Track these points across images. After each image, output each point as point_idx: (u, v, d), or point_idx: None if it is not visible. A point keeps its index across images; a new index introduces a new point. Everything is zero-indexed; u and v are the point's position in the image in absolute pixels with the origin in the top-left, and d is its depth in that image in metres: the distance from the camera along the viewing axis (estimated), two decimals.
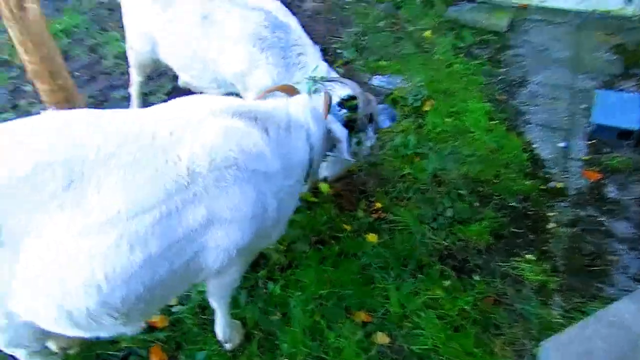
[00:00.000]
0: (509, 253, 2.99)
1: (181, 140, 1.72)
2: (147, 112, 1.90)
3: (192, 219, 1.68)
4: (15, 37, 2.85)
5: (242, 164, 1.78)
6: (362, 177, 3.52)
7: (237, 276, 2.15)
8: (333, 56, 4.94)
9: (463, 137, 3.87)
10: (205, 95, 2.04)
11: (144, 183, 1.60)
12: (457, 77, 4.60)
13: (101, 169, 1.57)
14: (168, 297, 1.94)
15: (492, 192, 3.39)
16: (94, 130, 1.65)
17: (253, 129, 1.92)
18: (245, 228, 1.83)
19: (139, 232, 1.57)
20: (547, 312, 2.63)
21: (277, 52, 2.92)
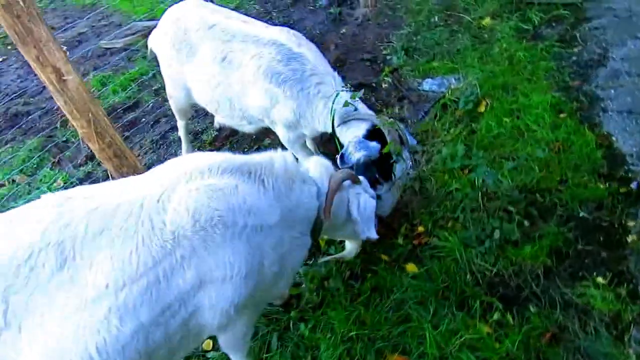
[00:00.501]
0: (574, 277, 2.57)
1: (167, 206, 1.75)
2: (143, 178, 1.95)
3: (182, 282, 1.69)
4: (62, 106, 3.14)
5: (229, 221, 1.76)
6: (406, 197, 3.29)
7: (246, 329, 2.13)
8: (381, 64, 4.72)
9: (523, 139, 3.43)
10: (197, 154, 2.04)
11: (130, 254, 1.65)
12: (520, 67, 4.11)
13: (91, 244, 1.64)
14: (174, 357, 1.94)
15: (556, 202, 2.94)
16: (86, 207, 1.72)
17: (244, 183, 1.89)
18: (240, 285, 1.79)
19: (128, 303, 1.61)
20: (621, 350, 2.20)
21: (293, 84, 2.86)
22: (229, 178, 1.86)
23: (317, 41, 5.36)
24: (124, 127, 4.93)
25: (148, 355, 1.70)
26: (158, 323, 1.68)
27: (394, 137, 2.67)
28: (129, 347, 1.63)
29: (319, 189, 2.20)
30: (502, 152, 3.35)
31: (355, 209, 2.31)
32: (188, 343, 1.90)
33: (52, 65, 2.90)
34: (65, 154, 4.81)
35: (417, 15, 5.32)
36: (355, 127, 2.83)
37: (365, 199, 2.35)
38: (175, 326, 1.73)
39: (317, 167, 2.29)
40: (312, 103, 2.93)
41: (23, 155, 4.86)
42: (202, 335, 1.93)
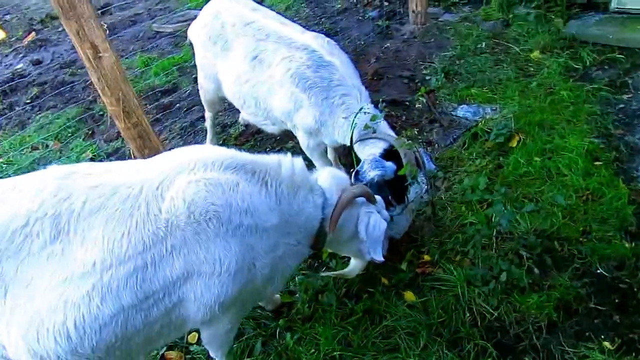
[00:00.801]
0: (579, 336, 2.41)
1: (165, 193, 1.74)
2: (146, 163, 1.96)
3: (169, 271, 1.69)
4: (95, 82, 3.22)
5: (224, 217, 1.75)
6: (418, 222, 3.19)
7: (229, 327, 2.09)
8: (418, 83, 4.63)
9: (551, 181, 3.27)
10: (205, 147, 2.05)
11: (122, 236, 1.66)
12: (561, 106, 3.94)
13: (86, 221, 1.66)
14: (153, 345, 1.94)
15: (574, 253, 2.78)
16: (87, 184, 1.74)
17: (246, 182, 1.87)
18: (228, 282, 1.78)
19: (112, 284, 1.62)
20: None
21: (319, 92, 2.84)
22: (231, 174, 1.85)
23: (359, 52, 5.34)
24: (158, 109, 5.04)
25: (126, 339, 1.70)
26: (140, 309, 1.67)
27: (410, 159, 2.61)
28: (106, 328, 1.63)
29: (326, 201, 2.15)
30: (526, 192, 3.21)
31: (363, 228, 2.24)
32: (169, 333, 1.88)
33: (90, 41, 2.98)
34: (99, 127, 4.95)
35: (465, 39, 5.20)
36: (373, 145, 2.78)
37: (376, 219, 2.27)
38: (156, 314, 1.72)
39: (329, 178, 2.24)
40: (335, 113, 2.89)
41: (61, 122, 5.03)
42: (184, 327, 1.91)
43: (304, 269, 2.88)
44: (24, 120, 5.24)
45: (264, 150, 4.09)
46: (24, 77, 6.07)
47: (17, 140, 4.81)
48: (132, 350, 1.77)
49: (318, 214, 2.11)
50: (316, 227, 2.13)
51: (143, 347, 1.84)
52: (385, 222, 2.30)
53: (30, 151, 4.72)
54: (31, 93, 5.69)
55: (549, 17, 5.07)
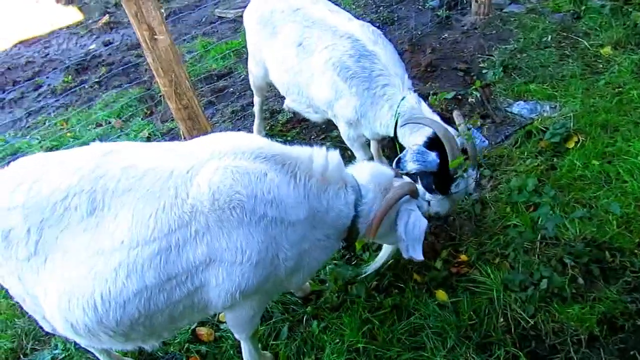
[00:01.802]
0: (623, 354, 2.25)
1: (194, 178, 1.77)
2: (181, 146, 2.00)
3: (192, 255, 1.72)
4: (150, 63, 3.36)
5: (249, 207, 1.75)
6: (459, 220, 3.09)
7: (253, 313, 2.11)
8: (474, 77, 4.45)
9: (609, 187, 3.04)
10: (239, 134, 2.05)
11: (149, 217, 1.71)
12: (630, 107, 3.65)
13: (119, 199, 1.74)
14: (176, 324, 1.98)
15: (627, 265, 2.58)
16: (122, 163, 1.80)
17: (275, 173, 1.85)
18: (249, 272, 1.79)
19: (137, 262, 1.68)
20: None
21: (360, 82, 2.80)
22: (260, 164, 1.83)
23: (415, 42, 5.20)
24: (212, 92, 5.19)
25: (148, 317, 1.77)
26: (162, 289, 1.73)
27: (453, 152, 2.50)
28: (130, 304, 1.71)
29: (360, 199, 2.06)
30: (579, 197, 3.01)
31: (402, 227, 2.12)
32: (192, 314, 1.93)
33: (147, 23, 3.10)
34: (157, 108, 5.18)
35: (529, 31, 4.92)
36: (418, 134, 2.70)
37: (417, 217, 2.14)
38: (179, 296, 1.77)
39: (369, 174, 2.13)
40: (376, 104, 2.84)
41: (123, 101, 5.31)
42: (207, 310, 1.95)
43: (336, 259, 2.88)
44: (92, 98, 5.58)
45: (308, 139, 4.11)
46: (95, 58, 6.46)
47: (83, 117, 5.14)
48: (156, 327, 1.84)
49: (349, 211, 2.04)
50: (347, 225, 2.07)
51: (166, 325, 1.89)
52: (426, 221, 2.17)
53: (95, 127, 5.03)
54: (100, 72, 6.04)
55: (626, 9, 4.69)
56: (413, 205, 2.20)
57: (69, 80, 5.94)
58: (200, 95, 5.11)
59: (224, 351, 2.57)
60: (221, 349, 2.58)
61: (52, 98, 5.68)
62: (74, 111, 5.31)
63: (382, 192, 2.09)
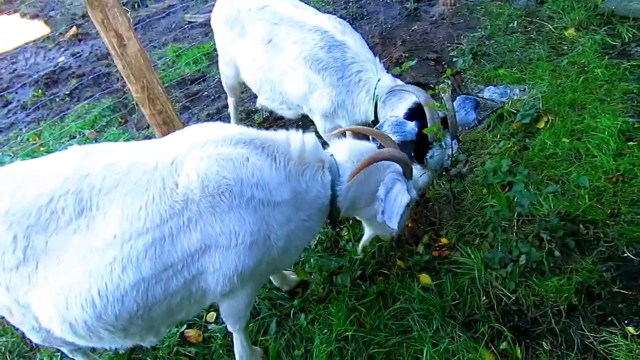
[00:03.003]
0: (601, 321, 2.32)
1: (180, 168, 1.80)
2: (160, 141, 2.02)
3: (187, 244, 1.75)
4: (121, 70, 3.34)
5: (237, 191, 1.80)
6: (438, 205, 3.15)
7: (248, 301, 2.14)
8: (445, 65, 4.52)
9: (580, 163, 3.13)
10: (216, 124, 2.08)
11: (140, 209, 1.72)
12: (595, 85, 3.76)
13: (106, 197, 1.74)
14: (174, 317, 1.98)
15: (600, 236, 2.67)
16: (105, 161, 1.81)
17: (257, 156, 1.90)
18: (245, 254, 1.83)
19: (132, 255, 1.69)
20: None
21: (333, 72, 2.83)
22: (241, 149, 1.88)
23: (386, 36, 5.26)
24: (186, 97, 5.16)
25: (147, 309, 1.78)
26: (159, 279, 1.74)
27: (433, 118, 2.50)
28: (128, 297, 1.71)
29: (338, 178, 2.11)
30: (552, 175, 3.09)
31: (383, 189, 2.12)
32: (189, 306, 1.94)
33: (114, 30, 3.08)
34: (132, 117, 5.13)
35: (496, 18, 5.02)
36: (398, 108, 2.73)
37: (401, 189, 2.12)
38: (176, 285, 1.79)
39: (347, 151, 2.17)
40: (353, 92, 2.87)
41: (97, 112, 5.24)
42: (205, 300, 1.96)
43: (320, 250, 2.90)
44: (64, 110, 5.49)
45: None
46: (64, 70, 6.36)
47: (56, 130, 5.06)
48: (154, 320, 1.85)
49: (326, 191, 2.09)
50: (325, 204, 2.12)
51: (165, 318, 1.90)
52: (408, 197, 2.12)
53: (69, 140, 4.95)
54: (70, 84, 5.95)
55: None
56: (402, 179, 2.19)
57: (39, 94, 5.85)
58: (174, 100, 5.07)
59: (213, 351, 2.56)
60: (210, 349, 2.58)
61: (23, 113, 5.58)
62: (46, 125, 5.22)
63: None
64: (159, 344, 2.63)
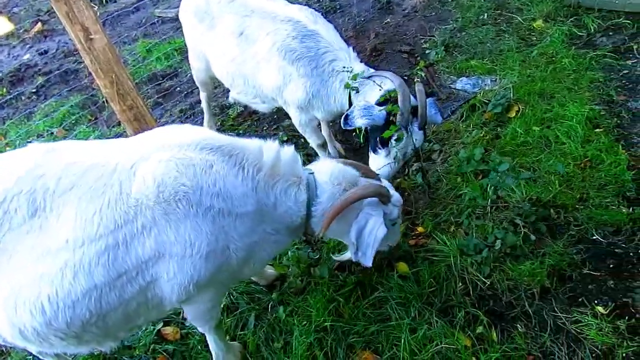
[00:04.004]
0: (572, 301, 2.39)
1: (138, 173, 1.72)
2: (126, 141, 1.93)
3: (141, 251, 1.68)
4: (88, 64, 3.25)
5: (194, 199, 1.71)
6: (414, 195, 3.17)
7: (210, 306, 2.06)
8: (418, 57, 4.56)
9: (550, 150, 3.21)
10: (185, 126, 1.99)
11: (94, 214, 1.65)
12: (563, 74, 3.85)
13: (61, 198, 1.66)
14: (132, 323, 1.90)
15: (570, 220, 2.74)
16: (62, 161, 1.73)
17: (222, 164, 1.82)
18: (200, 264, 1.75)
19: (83, 261, 1.62)
20: None
21: (307, 62, 2.81)
22: (206, 155, 1.79)
23: (359, 29, 5.27)
24: (158, 92, 5.07)
25: (101, 316, 1.71)
26: (113, 286, 1.67)
27: (405, 103, 2.51)
28: (80, 304, 1.64)
29: (315, 198, 2.01)
30: (523, 162, 3.15)
31: (355, 231, 2.03)
32: (147, 311, 1.87)
33: (80, 23, 2.99)
34: (103, 114, 5.01)
35: (467, 11, 5.09)
36: (370, 94, 2.73)
37: (375, 224, 2.02)
38: (131, 293, 1.72)
39: (329, 173, 2.07)
40: (327, 81, 2.85)
41: (65, 110, 5.09)
42: (163, 307, 1.89)
43: (297, 243, 2.89)
44: (30, 109, 5.32)
45: (260, 130, 4.10)
46: (30, 68, 6.16)
47: (22, 129, 4.90)
48: (110, 327, 1.78)
49: (299, 209, 2.00)
50: (297, 222, 2.03)
51: (121, 324, 1.83)
52: (384, 229, 2.02)
53: (36, 138, 4.80)
54: (36, 82, 5.77)
55: None
56: (377, 210, 2.07)
57: (4, 92, 5.65)
58: (146, 96, 4.98)
59: (191, 347, 2.53)
60: (188, 346, 2.54)
61: None
62: (12, 124, 5.06)
63: (342, 192, 2.03)
64: (135, 343, 2.58)
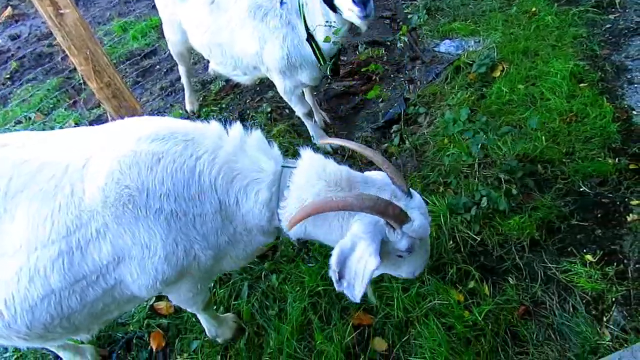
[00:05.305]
0: (562, 252, 2.41)
1: (89, 173, 1.60)
2: (79, 134, 1.78)
3: (97, 256, 1.57)
4: (60, 41, 3.14)
5: (141, 202, 1.58)
6: (402, 159, 3.16)
7: (191, 295, 1.96)
8: (400, 23, 4.50)
9: (535, 107, 3.20)
10: (145, 118, 1.86)
11: (46, 218, 1.55)
12: (546, 32, 3.82)
13: (13, 200, 1.57)
14: (103, 318, 1.80)
15: (558, 174, 2.75)
16: (14, 160, 1.62)
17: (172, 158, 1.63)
18: (162, 265, 1.64)
19: (38, 267, 1.53)
20: (596, 330, 2.06)
21: (273, 14, 2.72)
22: (156, 147, 1.63)
23: None
24: (138, 72, 4.95)
25: (64, 318, 1.63)
26: (72, 291, 1.59)
27: None
28: (38, 309, 1.57)
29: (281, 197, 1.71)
30: (510, 120, 3.14)
31: (336, 256, 1.55)
32: (119, 307, 1.79)
33: None
34: (81, 96, 4.89)
35: None
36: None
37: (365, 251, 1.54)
38: (94, 295, 1.63)
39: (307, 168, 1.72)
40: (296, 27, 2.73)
41: (41, 94, 4.96)
42: (136, 301, 1.83)
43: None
44: (5, 95, 5.18)
45: (243, 104, 4.03)
46: (2, 53, 5.97)
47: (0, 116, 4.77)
48: (78, 325, 1.71)
49: (260, 212, 1.72)
50: (265, 226, 1.77)
51: (92, 320, 1.76)
52: (376, 262, 1.53)
53: (14, 125, 4.68)
54: (10, 68, 5.59)
55: None
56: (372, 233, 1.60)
57: None
58: (125, 76, 4.86)
59: (185, 320, 2.52)
60: (183, 319, 2.53)
61: None
62: None
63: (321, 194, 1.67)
64: (129, 319, 2.56)
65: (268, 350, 2.31)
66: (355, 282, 1.54)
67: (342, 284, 1.57)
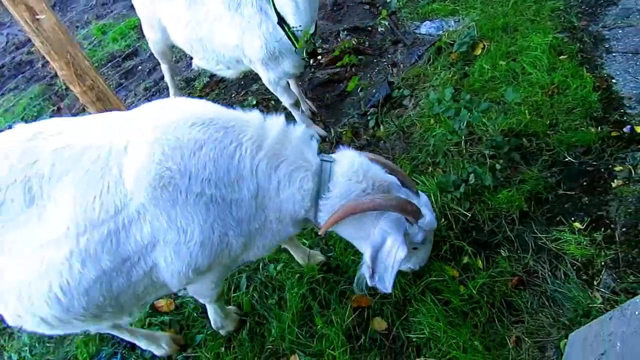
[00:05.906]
0: (551, 222, 2.46)
1: (131, 155, 1.63)
2: (118, 117, 1.81)
3: (139, 236, 1.62)
4: (39, 47, 3.11)
5: (182, 186, 1.61)
6: (390, 142, 3.19)
7: (214, 285, 2.03)
8: (379, 7, 4.50)
9: (517, 82, 3.24)
10: (180, 100, 1.87)
11: (93, 200, 1.58)
12: (524, 7, 3.85)
13: (57, 184, 1.59)
14: (143, 300, 1.86)
15: (542, 146, 2.79)
16: (54, 145, 1.64)
17: (214, 144, 1.66)
18: (196, 251, 1.68)
19: (89, 249, 1.57)
20: (588, 294, 2.12)
21: (247, 1, 2.71)
22: (197, 133, 1.65)
23: None
24: (121, 75, 4.92)
25: (114, 298, 1.69)
26: (120, 271, 1.64)
27: None
28: (92, 290, 1.63)
29: (324, 191, 1.79)
30: (493, 96, 3.18)
31: (370, 252, 1.76)
32: (155, 291, 1.84)
33: (24, 3, 2.85)
34: (65, 102, 4.85)
35: None
36: None
37: (394, 243, 1.75)
38: (137, 276, 1.68)
39: (350, 164, 1.82)
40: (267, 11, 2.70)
41: (24, 102, 4.92)
42: (169, 289, 1.86)
43: None
44: None
45: (229, 98, 4.03)
46: None
47: None
48: (123, 305, 1.76)
49: (303, 199, 1.78)
50: (301, 215, 1.82)
51: (134, 302, 1.81)
52: (405, 250, 1.74)
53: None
54: None
55: None
56: (397, 227, 1.79)
57: None
58: (107, 79, 4.83)
59: (187, 316, 2.55)
60: (184, 315, 2.56)
61: None
62: None
63: (360, 194, 1.79)
64: None
65: (270, 338, 2.35)
66: (385, 274, 1.77)
67: (374, 278, 1.80)
